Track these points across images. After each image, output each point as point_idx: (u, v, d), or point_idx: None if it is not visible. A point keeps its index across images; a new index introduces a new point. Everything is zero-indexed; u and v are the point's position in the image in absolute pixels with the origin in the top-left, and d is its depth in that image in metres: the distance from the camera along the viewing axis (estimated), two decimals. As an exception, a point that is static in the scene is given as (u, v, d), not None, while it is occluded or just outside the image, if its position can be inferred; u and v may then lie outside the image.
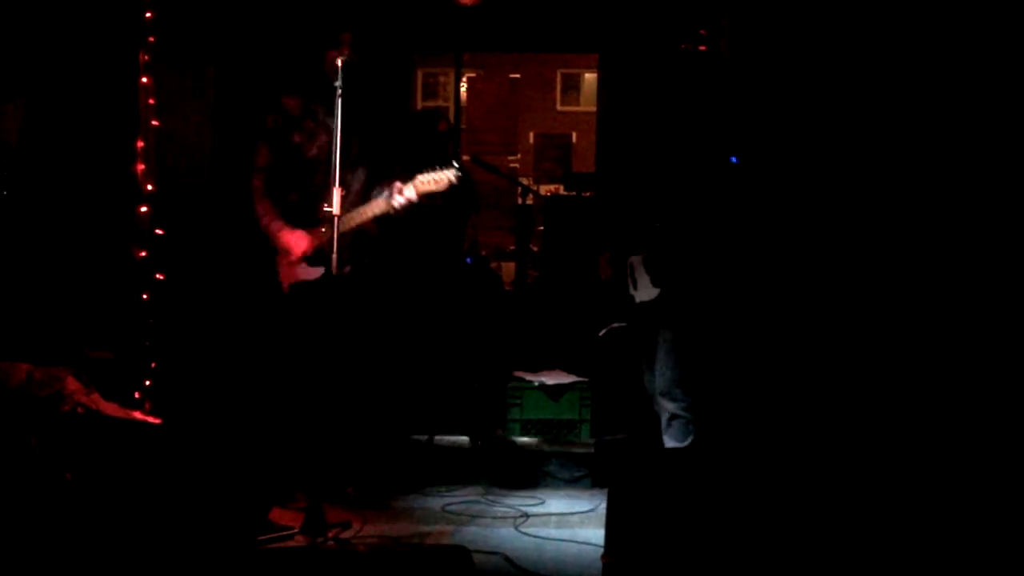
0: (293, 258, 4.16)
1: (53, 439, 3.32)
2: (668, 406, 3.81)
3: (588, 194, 6.38)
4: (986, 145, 3.70)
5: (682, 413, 3.78)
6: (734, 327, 3.88)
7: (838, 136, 4.02)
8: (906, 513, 3.24)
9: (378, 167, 4.29)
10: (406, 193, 4.04)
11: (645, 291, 3.81)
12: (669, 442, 3.83)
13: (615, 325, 4.19)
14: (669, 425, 3.83)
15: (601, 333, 4.26)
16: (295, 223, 4.18)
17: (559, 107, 13.73)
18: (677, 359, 3.78)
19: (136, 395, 4.39)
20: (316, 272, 4.11)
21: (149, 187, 4.53)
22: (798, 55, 4.07)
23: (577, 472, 4.65)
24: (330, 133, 3.99)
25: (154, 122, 4.56)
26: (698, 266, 3.73)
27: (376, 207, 4.09)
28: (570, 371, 4.96)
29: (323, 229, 4.02)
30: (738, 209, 3.80)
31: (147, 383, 4.45)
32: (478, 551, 3.59)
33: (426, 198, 4.14)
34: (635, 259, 3.86)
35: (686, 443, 3.78)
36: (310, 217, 4.11)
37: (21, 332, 4.07)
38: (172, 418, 4.20)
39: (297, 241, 4.15)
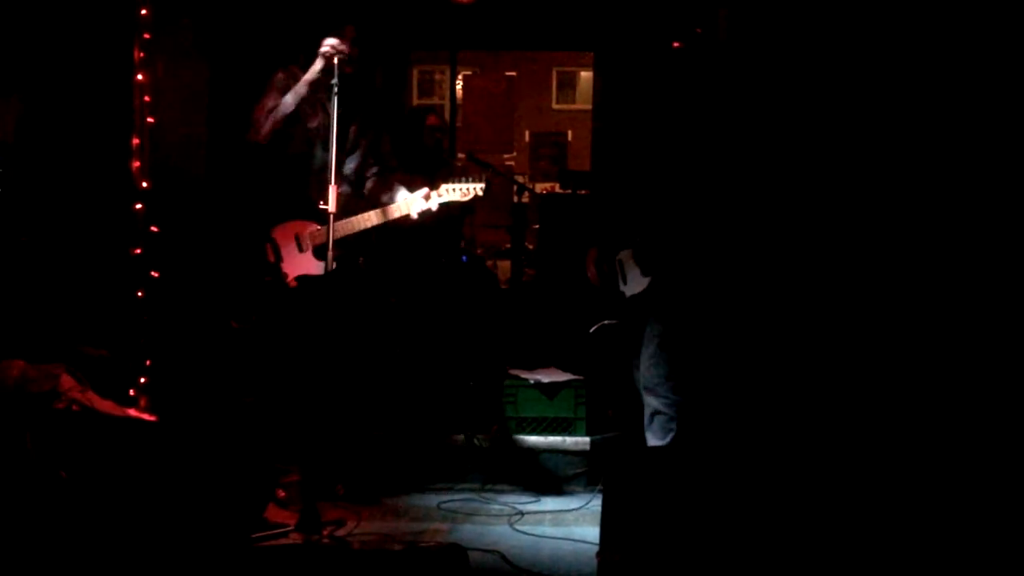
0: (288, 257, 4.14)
1: (48, 436, 3.31)
2: (651, 402, 3.81)
3: (583, 192, 6.39)
4: (989, 141, 3.69)
5: (664, 410, 3.78)
6: (723, 323, 3.88)
7: (835, 130, 4.02)
8: (896, 508, 3.24)
9: (373, 156, 4.29)
10: (429, 203, 4.10)
11: (634, 284, 3.81)
12: (651, 440, 3.84)
13: (606, 322, 4.20)
14: (651, 421, 3.83)
15: (592, 330, 4.27)
16: (295, 210, 4.15)
17: (555, 105, 13.73)
18: (663, 355, 3.78)
19: (131, 392, 4.39)
20: (323, 266, 4.08)
21: (144, 184, 4.52)
22: (796, 51, 4.07)
23: (572, 470, 4.66)
24: (327, 113, 4.06)
25: (149, 119, 4.55)
26: (688, 258, 3.73)
27: (396, 211, 4.11)
28: (565, 369, 4.97)
29: (319, 228, 4.07)
30: (731, 204, 3.80)
31: (142, 380, 4.45)
32: (474, 549, 3.59)
33: (445, 207, 4.19)
34: (624, 254, 3.87)
35: (666, 441, 3.77)
36: (309, 203, 4.10)
37: (16, 329, 4.06)
38: (167, 415, 4.19)
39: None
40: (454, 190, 4.12)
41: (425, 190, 4.12)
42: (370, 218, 4.12)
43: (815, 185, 4.03)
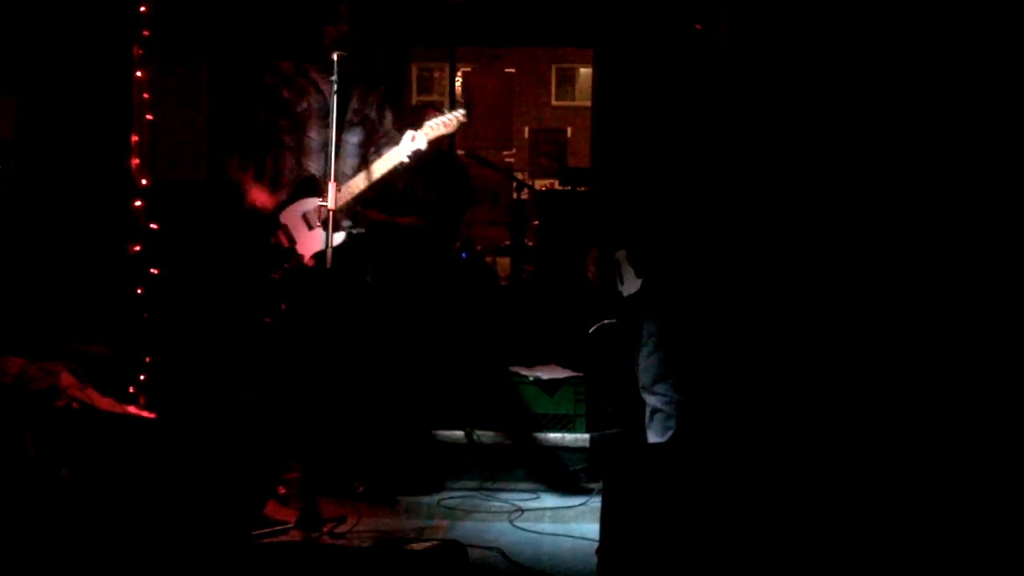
0: (261, 210, 4.08)
1: (47, 434, 3.31)
2: (650, 400, 3.81)
3: (583, 189, 6.39)
4: (988, 142, 3.69)
5: (663, 408, 3.77)
6: (720, 320, 3.87)
7: (836, 128, 4.02)
8: (896, 506, 3.25)
9: (382, 133, 4.25)
10: (416, 142, 3.97)
11: (630, 284, 3.81)
12: (651, 437, 3.84)
13: (605, 322, 4.20)
14: (651, 419, 3.83)
15: (591, 330, 4.27)
16: (298, 191, 4.10)
17: (554, 102, 13.74)
18: (659, 354, 3.78)
19: (131, 390, 4.39)
20: (337, 238, 3.97)
21: (143, 181, 4.52)
22: (798, 50, 4.06)
23: (572, 466, 4.66)
24: (320, 91, 4.07)
25: (148, 116, 4.55)
26: (679, 258, 3.73)
27: (388, 162, 3.99)
28: (565, 366, 4.97)
29: (321, 202, 3.94)
30: (729, 203, 3.79)
31: (142, 378, 4.44)
32: (473, 546, 3.60)
33: (435, 144, 4.08)
34: (620, 254, 3.87)
35: (666, 438, 3.77)
36: (311, 182, 4.07)
37: (15, 326, 4.06)
38: (167, 413, 4.19)
39: (258, 195, 4.09)
40: (436, 125, 4.00)
41: (410, 132, 4.00)
42: (359, 181, 4.01)
43: (813, 183, 4.03)
